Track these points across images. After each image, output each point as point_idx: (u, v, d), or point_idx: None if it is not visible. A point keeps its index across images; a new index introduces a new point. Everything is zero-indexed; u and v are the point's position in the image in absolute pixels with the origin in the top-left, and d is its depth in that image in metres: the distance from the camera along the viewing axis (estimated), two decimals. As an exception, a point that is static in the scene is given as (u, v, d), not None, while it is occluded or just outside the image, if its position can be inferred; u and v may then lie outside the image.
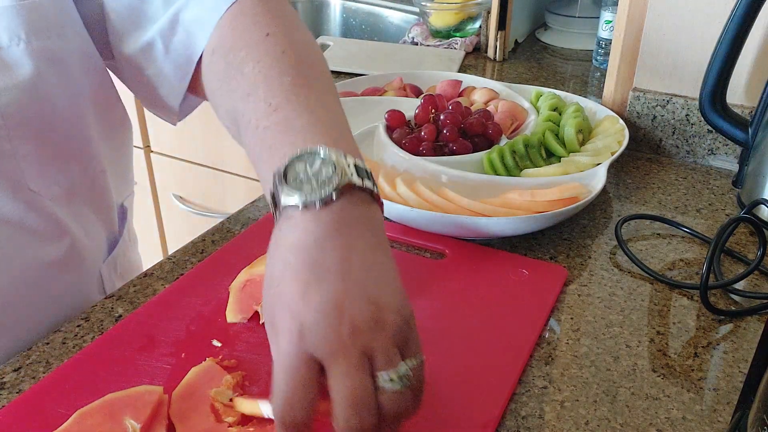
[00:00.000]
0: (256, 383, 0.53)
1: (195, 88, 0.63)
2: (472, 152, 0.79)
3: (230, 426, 0.48)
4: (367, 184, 0.45)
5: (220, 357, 0.55)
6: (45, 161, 0.60)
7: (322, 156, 0.45)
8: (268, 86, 0.51)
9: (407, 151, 0.79)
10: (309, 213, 0.43)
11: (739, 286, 0.65)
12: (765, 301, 0.63)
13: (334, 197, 0.43)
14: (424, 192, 0.72)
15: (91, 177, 0.67)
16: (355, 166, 0.45)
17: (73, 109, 0.61)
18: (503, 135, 0.83)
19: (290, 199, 0.43)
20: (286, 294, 0.42)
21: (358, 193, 0.45)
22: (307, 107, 0.50)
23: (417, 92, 0.99)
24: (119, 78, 0.69)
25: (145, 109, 1.44)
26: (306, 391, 0.40)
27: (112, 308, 0.63)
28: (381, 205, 0.47)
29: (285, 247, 0.43)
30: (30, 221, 0.60)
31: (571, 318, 0.62)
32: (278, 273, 0.43)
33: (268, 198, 0.46)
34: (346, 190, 0.44)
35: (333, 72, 1.18)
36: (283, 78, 0.51)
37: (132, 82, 0.67)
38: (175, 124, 0.70)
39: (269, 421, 0.48)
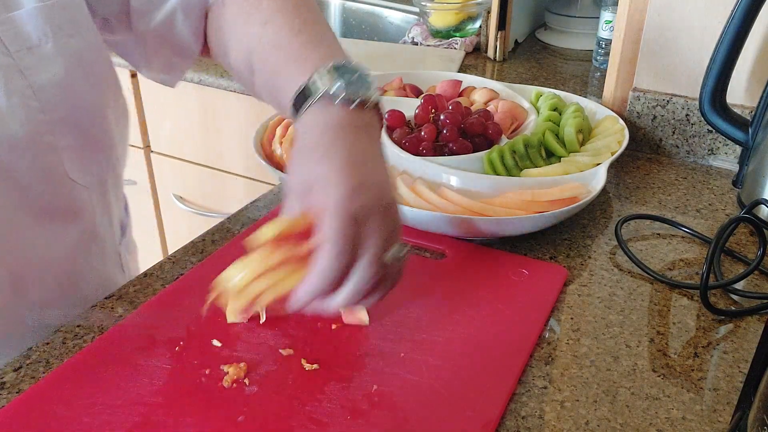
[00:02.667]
0: (256, 382, 0.53)
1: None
2: (472, 152, 0.79)
3: None
4: (382, 108, 0.56)
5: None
6: (80, 151, 0.64)
7: (358, 70, 0.54)
8: (286, 16, 0.60)
9: (407, 151, 0.79)
10: (346, 106, 0.52)
11: (739, 286, 0.65)
12: (765, 301, 0.63)
13: (368, 103, 0.53)
14: (424, 192, 0.72)
15: (113, 164, 0.70)
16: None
17: (96, 102, 0.65)
18: (503, 135, 0.82)
19: (337, 89, 0.52)
20: (324, 158, 0.50)
21: (378, 110, 0.55)
22: (323, 35, 0.60)
23: (417, 92, 0.99)
24: (122, 55, 0.73)
25: (145, 111, 1.44)
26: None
27: (112, 308, 0.63)
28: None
29: (325, 126, 0.52)
30: (67, 210, 0.64)
31: (571, 318, 0.62)
32: (314, 141, 0.51)
33: (294, 94, 0.54)
34: (375, 103, 0.54)
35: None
36: (298, 11, 0.60)
37: (144, 55, 0.71)
38: (174, 86, 0.75)
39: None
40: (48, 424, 0.49)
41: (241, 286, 0.50)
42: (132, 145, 1.41)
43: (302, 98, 0.53)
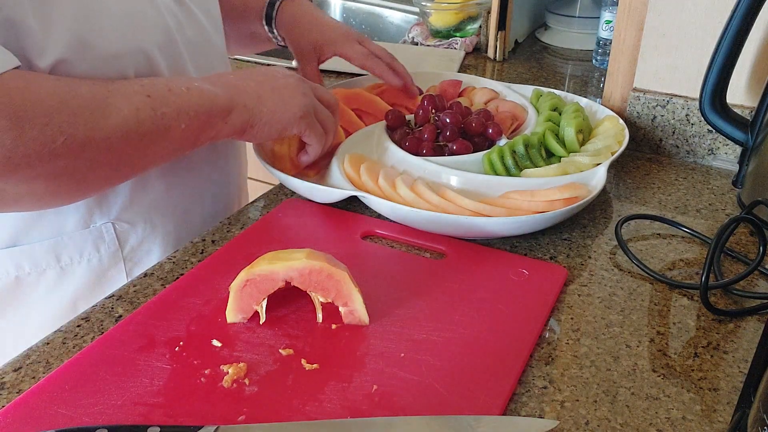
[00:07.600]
0: (256, 382, 0.53)
1: None
2: (472, 152, 0.79)
3: None
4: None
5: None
6: None
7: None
8: None
9: (407, 151, 0.79)
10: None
11: (739, 286, 0.65)
12: (765, 301, 0.63)
13: None
14: (424, 192, 0.72)
15: None
16: None
17: None
18: (503, 135, 0.82)
19: None
20: (323, 19, 0.89)
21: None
22: None
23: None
24: None
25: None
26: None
27: (112, 308, 0.63)
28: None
29: (302, 9, 0.88)
30: None
31: (571, 318, 0.62)
32: (301, 18, 0.87)
33: (266, 3, 0.88)
34: None
35: (333, 72, 1.18)
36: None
37: None
38: None
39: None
40: (48, 424, 0.49)
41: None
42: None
43: (272, 4, 0.87)
